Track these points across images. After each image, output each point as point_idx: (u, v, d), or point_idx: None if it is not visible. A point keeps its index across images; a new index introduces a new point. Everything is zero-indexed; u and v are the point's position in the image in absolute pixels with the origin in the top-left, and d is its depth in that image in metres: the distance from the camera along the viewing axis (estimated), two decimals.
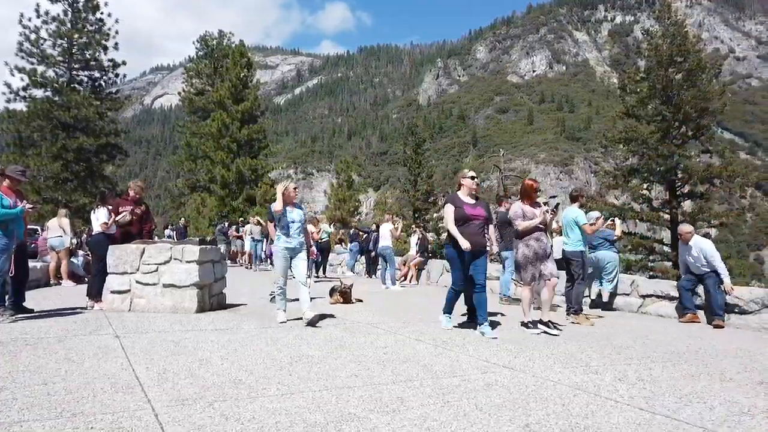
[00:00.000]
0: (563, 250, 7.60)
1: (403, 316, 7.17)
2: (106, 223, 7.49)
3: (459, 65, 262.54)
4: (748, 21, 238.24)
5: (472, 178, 6.12)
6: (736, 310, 7.12)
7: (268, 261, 20.11)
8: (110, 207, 7.69)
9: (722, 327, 6.85)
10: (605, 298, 8.80)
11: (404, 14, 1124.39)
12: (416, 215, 32.56)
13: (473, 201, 6.02)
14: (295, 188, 6.56)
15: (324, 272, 15.70)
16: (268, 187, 30.11)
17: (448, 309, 6.25)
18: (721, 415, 3.15)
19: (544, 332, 5.97)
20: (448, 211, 5.95)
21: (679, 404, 3.34)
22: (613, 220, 9.46)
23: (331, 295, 8.68)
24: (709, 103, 19.86)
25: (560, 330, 6.12)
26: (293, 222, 6.38)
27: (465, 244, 5.64)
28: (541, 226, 6.18)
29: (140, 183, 8.07)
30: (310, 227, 14.96)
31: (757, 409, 3.31)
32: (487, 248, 6.23)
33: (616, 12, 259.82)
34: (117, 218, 7.49)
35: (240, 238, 20.41)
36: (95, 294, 7.18)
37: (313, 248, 10.77)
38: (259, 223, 18.29)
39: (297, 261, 6.40)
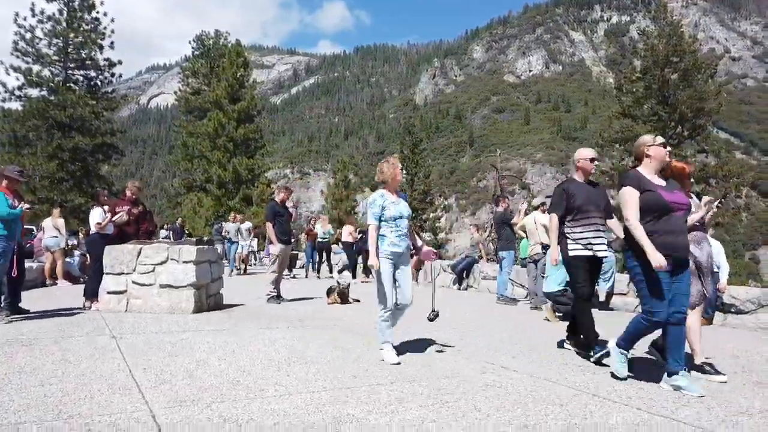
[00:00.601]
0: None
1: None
2: (99, 223, 7.43)
3: (456, 65, 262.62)
4: (743, 21, 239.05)
5: (664, 145, 4.06)
6: (733, 310, 7.15)
7: (266, 261, 19.99)
8: (106, 207, 7.66)
9: (710, 324, 7.09)
10: (602, 298, 8.82)
11: (402, 13, 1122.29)
12: (413, 215, 32.59)
13: (664, 182, 4.01)
14: (402, 169, 4.71)
15: (318, 272, 15.78)
16: (264, 186, 30.11)
17: (626, 343, 4.02)
18: (719, 415, 3.15)
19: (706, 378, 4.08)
20: (632, 199, 3.87)
21: (677, 404, 3.35)
22: None
23: (328, 295, 8.67)
24: (704, 103, 19.97)
25: (720, 374, 4.12)
26: (401, 218, 4.48)
27: (657, 260, 3.61)
28: (698, 224, 4.46)
29: (137, 183, 8.05)
30: (318, 226, 15.21)
31: (755, 409, 3.32)
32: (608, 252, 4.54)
33: (612, 12, 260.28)
34: (114, 218, 7.46)
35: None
36: (91, 294, 7.15)
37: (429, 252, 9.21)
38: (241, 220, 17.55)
39: (402, 273, 4.53)
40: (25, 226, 7.44)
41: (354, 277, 14.52)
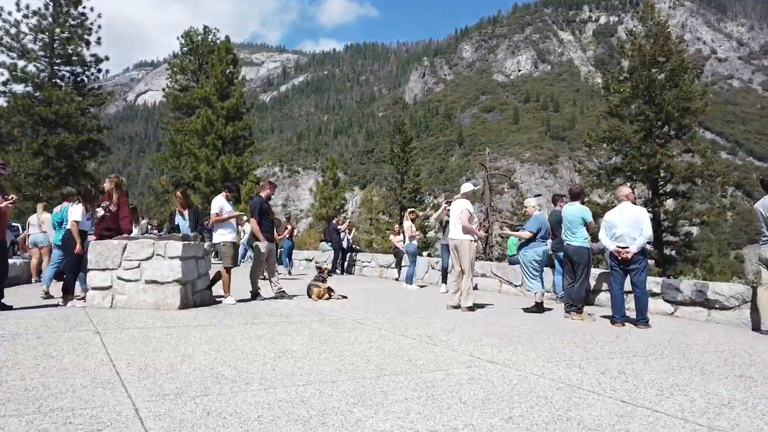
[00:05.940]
0: (568, 246, 7.22)
1: (387, 313, 7.16)
2: (76, 222, 7.25)
3: (445, 64, 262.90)
4: (729, 23, 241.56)
5: None
6: (717, 306, 7.21)
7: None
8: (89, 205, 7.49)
9: (649, 327, 6.43)
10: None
11: (405, 6, 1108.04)
12: (402, 213, 32.61)
13: None
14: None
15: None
16: (253, 184, 29.94)
17: None
18: (702, 406, 3.18)
19: None
20: None
21: (661, 396, 3.37)
22: None
23: (308, 291, 8.58)
24: (690, 103, 20.15)
25: None
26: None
27: None
28: None
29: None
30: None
31: (737, 401, 3.35)
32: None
33: (601, 12, 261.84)
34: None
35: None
36: (68, 290, 7.04)
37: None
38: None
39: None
40: (9, 222, 7.33)
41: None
